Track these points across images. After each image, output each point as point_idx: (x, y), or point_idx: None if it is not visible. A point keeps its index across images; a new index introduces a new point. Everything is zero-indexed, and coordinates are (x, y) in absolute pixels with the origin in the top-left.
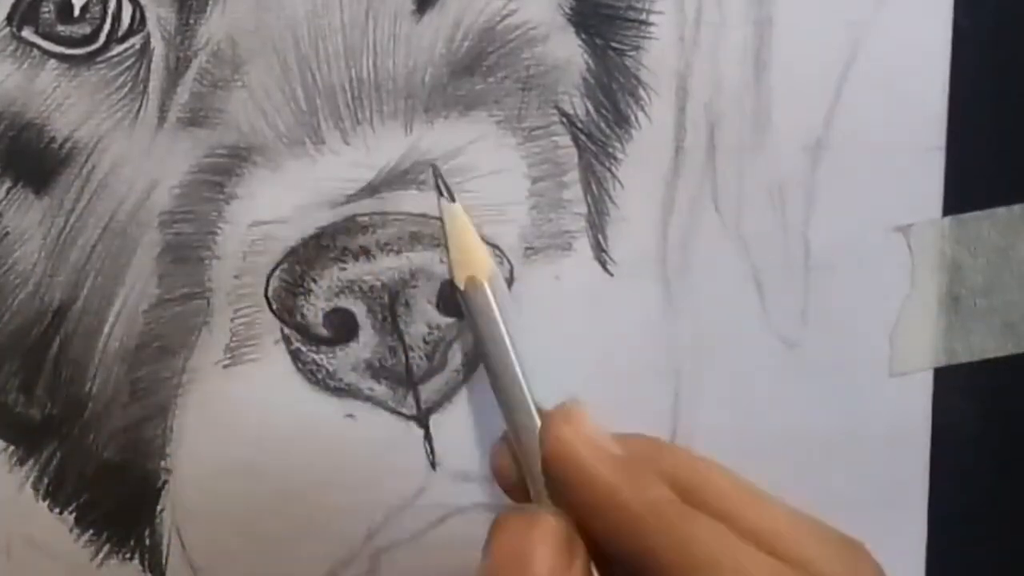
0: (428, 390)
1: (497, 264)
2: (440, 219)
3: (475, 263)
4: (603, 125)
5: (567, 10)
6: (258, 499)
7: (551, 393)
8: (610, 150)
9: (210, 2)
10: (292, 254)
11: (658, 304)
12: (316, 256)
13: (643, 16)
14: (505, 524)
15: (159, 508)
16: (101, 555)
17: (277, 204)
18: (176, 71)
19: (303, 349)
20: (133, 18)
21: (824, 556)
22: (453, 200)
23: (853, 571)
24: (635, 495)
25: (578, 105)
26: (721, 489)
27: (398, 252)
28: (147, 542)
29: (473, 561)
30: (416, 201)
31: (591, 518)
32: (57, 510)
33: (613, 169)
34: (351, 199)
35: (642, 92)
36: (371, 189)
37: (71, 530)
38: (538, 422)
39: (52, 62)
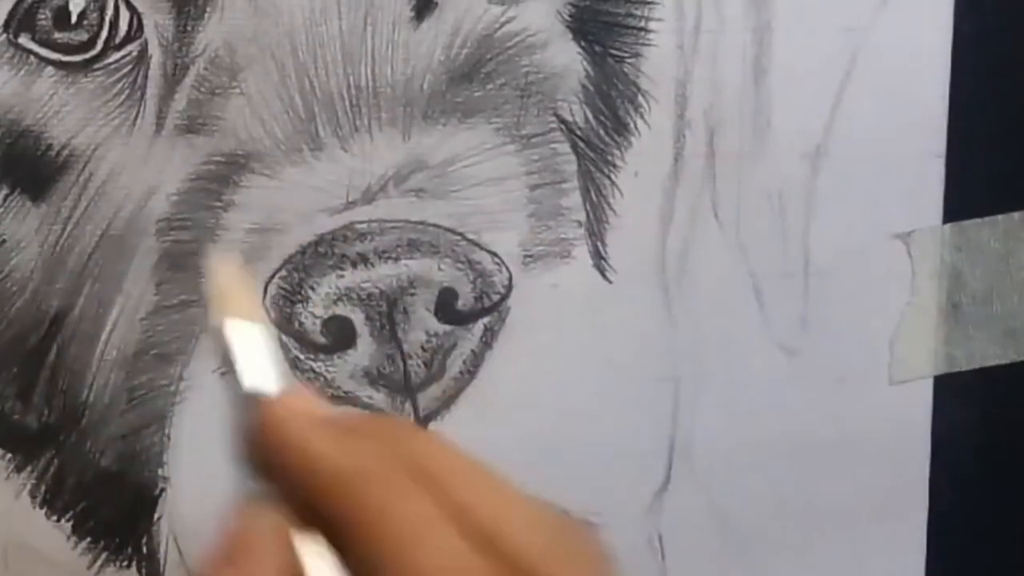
0: (426, 398)
1: (496, 271)
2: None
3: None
4: (602, 132)
5: (566, 17)
6: None
7: None
8: (609, 157)
9: (208, 9)
10: (290, 261)
11: (657, 311)
12: (314, 263)
13: (642, 23)
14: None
15: (156, 516)
16: (98, 563)
17: (275, 211)
18: (174, 78)
19: (301, 357)
20: (131, 25)
21: (535, 543)
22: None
23: (566, 555)
24: (343, 460)
25: (577, 112)
26: (445, 466)
27: (396, 259)
28: (144, 550)
29: None
30: (414, 208)
31: (300, 483)
32: (54, 518)
33: (612, 176)
34: (349, 206)
35: (641, 99)
36: (369, 196)
37: (68, 538)
38: None
39: (49, 69)
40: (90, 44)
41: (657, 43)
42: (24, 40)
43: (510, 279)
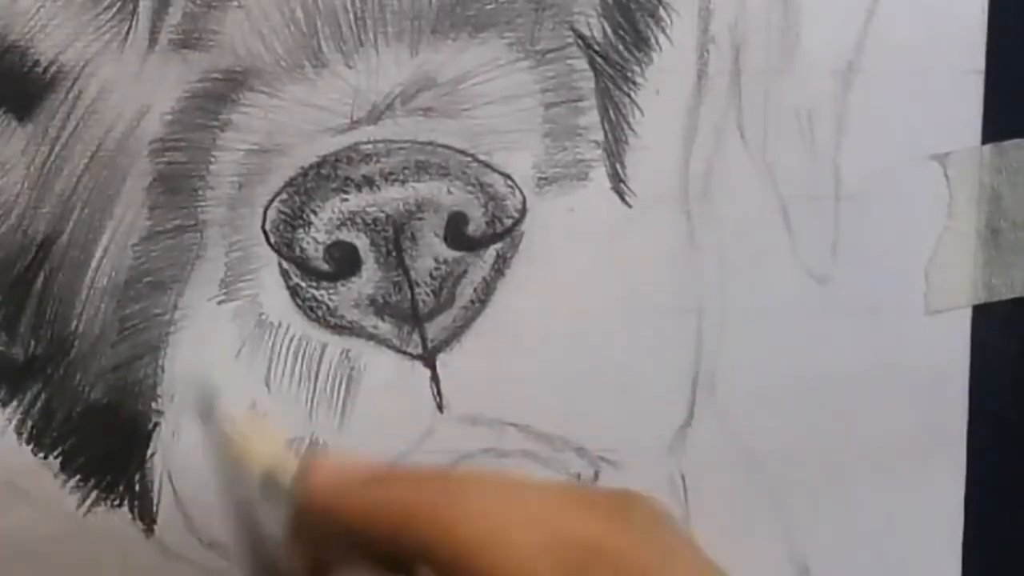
0: (435, 328)
1: (509, 194)
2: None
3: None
4: (621, 48)
5: None
6: None
7: None
8: (629, 74)
9: None
10: (291, 184)
11: (679, 237)
12: (316, 186)
13: None
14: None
15: (150, 453)
16: (88, 502)
17: (275, 131)
18: None
19: (302, 284)
20: None
21: (589, 517)
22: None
23: (624, 522)
24: (387, 498)
25: (595, 26)
26: (478, 485)
27: (403, 182)
28: (137, 488)
29: None
30: (422, 128)
31: (365, 536)
32: (41, 454)
33: (632, 94)
34: (353, 126)
35: (663, 12)
36: (375, 115)
37: (56, 476)
38: None
39: None
40: None
41: None
42: None
43: (523, 203)
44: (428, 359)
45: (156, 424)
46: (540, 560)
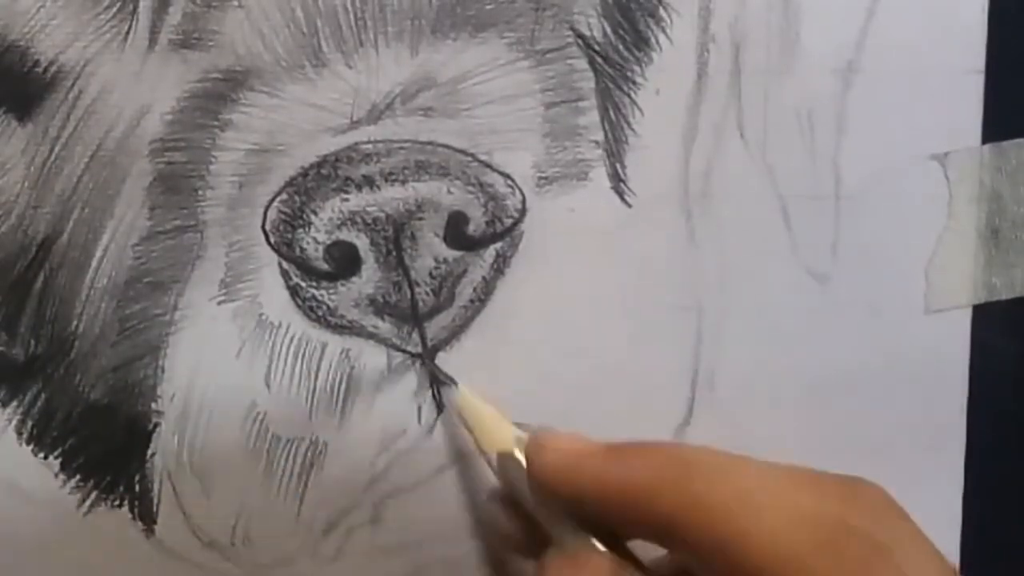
0: (434, 327)
1: (509, 194)
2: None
3: (500, 440)
4: (621, 47)
5: None
6: (255, 444)
7: None
8: (629, 74)
9: None
10: (291, 184)
11: (679, 237)
12: (316, 186)
13: None
14: (552, 566)
15: (150, 452)
16: (88, 502)
17: (275, 131)
18: None
19: (302, 284)
20: None
21: (826, 496)
22: (455, 384)
23: (852, 505)
24: (628, 472)
25: (595, 26)
26: (714, 456)
27: (403, 182)
28: (137, 488)
29: (481, 507)
30: (423, 128)
31: (603, 508)
32: (42, 454)
33: (632, 94)
34: (353, 126)
35: (663, 12)
36: (375, 115)
37: (56, 475)
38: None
39: None
40: None
41: None
42: None
43: (523, 202)
44: (428, 358)
45: (156, 424)
46: (794, 530)
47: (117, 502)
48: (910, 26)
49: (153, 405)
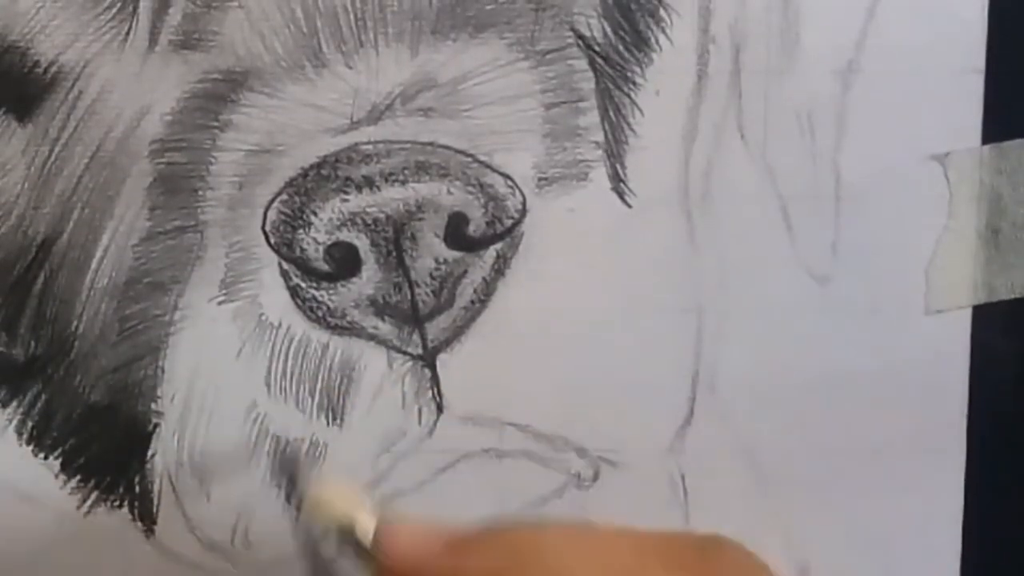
0: (435, 328)
1: (509, 195)
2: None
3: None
4: (621, 48)
5: None
6: (255, 444)
7: None
8: (629, 75)
9: None
10: (291, 185)
11: (679, 237)
12: (317, 187)
13: None
14: None
15: (150, 453)
16: (88, 502)
17: (275, 132)
18: None
19: (302, 285)
20: None
21: (675, 570)
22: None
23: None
24: (469, 564)
25: (595, 26)
26: (558, 536)
27: (403, 183)
28: (137, 489)
29: (483, 509)
30: (423, 129)
31: None
32: (42, 455)
33: (632, 95)
34: (354, 126)
35: (663, 13)
36: (375, 116)
37: (56, 476)
38: None
39: None
40: None
41: None
42: None
43: (524, 203)
44: (428, 359)
45: (156, 425)
46: None
47: (117, 503)
48: (910, 26)
49: (153, 406)
